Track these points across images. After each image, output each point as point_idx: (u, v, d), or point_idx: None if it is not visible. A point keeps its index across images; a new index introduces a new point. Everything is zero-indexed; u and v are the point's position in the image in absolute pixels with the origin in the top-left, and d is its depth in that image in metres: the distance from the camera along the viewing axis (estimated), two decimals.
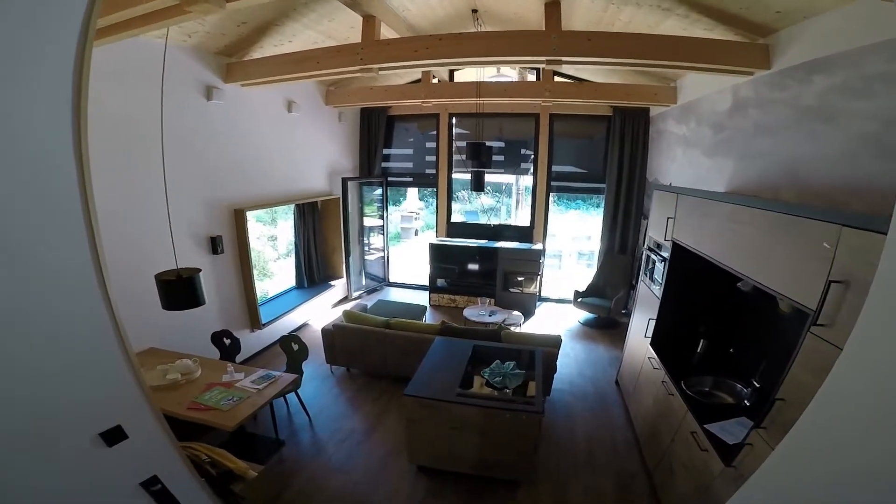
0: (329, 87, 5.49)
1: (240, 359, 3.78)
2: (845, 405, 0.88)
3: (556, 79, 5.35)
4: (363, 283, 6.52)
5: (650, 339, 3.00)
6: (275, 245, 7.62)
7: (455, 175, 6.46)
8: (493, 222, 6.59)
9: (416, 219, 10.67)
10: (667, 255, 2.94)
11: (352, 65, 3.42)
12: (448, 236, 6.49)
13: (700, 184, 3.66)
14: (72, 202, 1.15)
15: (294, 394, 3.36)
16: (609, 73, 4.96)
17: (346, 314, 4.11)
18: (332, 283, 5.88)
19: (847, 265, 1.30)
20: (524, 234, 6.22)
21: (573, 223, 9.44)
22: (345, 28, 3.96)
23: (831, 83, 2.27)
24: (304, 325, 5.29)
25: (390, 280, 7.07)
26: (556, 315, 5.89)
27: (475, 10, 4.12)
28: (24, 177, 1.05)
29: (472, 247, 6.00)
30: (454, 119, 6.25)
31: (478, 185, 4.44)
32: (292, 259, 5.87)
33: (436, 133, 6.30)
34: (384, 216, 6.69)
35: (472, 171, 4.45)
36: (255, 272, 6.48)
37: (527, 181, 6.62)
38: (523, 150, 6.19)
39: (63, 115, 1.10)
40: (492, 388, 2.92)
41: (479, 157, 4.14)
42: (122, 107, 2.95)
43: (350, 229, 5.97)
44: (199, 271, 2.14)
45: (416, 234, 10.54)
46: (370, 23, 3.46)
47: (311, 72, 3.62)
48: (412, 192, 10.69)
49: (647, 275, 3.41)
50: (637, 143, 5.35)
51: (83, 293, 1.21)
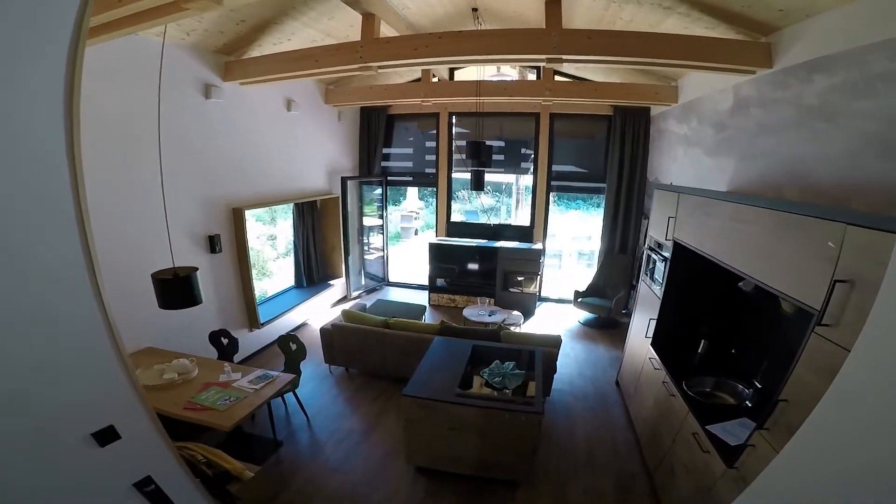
0: (328, 85, 5.47)
1: (238, 359, 3.76)
2: (854, 406, 0.86)
3: (557, 78, 5.33)
4: (362, 282, 6.50)
5: (651, 340, 2.98)
6: (274, 244, 7.61)
7: (455, 175, 6.45)
8: (493, 222, 6.56)
9: (415, 218, 10.66)
10: (668, 254, 2.92)
11: (351, 63, 3.41)
12: (448, 236, 6.47)
13: (701, 183, 3.64)
14: (64, 201, 1.14)
15: (292, 394, 3.35)
16: (610, 72, 4.95)
17: (345, 314, 4.09)
18: (331, 282, 5.86)
19: (852, 264, 1.29)
20: (524, 233, 6.20)
21: (573, 223, 9.43)
22: (344, 26, 3.95)
23: (833, 82, 2.26)
24: (302, 325, 5.27)
25: (390, 280, 7.05)
26: (555, 315, 5.87)
27: (475, 9, 4.11)
28: (16, 176, 1.04)
29: (471, 246, 5.98)
30: (454, 118, 6.24)
31: (478, 185, 4.42)
32: (291, 258, 5.86)
33: (436, 132, 6.28)
34: (384, 215, 6.67)
35: (471, 171, 4.43)
36: (254, 272, 6.46)
37: (527, 181, 6.61)
38: (523, 150, 6.17)
39: (55, 114, 1.09)
40: (491, 389, 2.91)
41: (479, 156, 4.13)
42: (120, 105, 2.94)
43: (349, 228, 5.95)
44: (196, 270, 2.13)
45: (415, 233, 10.53)
46: (370, 21, 3.44)
47: (311, 70, 3.60)
48: (412, 192, 10.68)
49: (647, 274, 3.39)
50: (638, 142, 5.33)
51: (75, 292, 1.19)
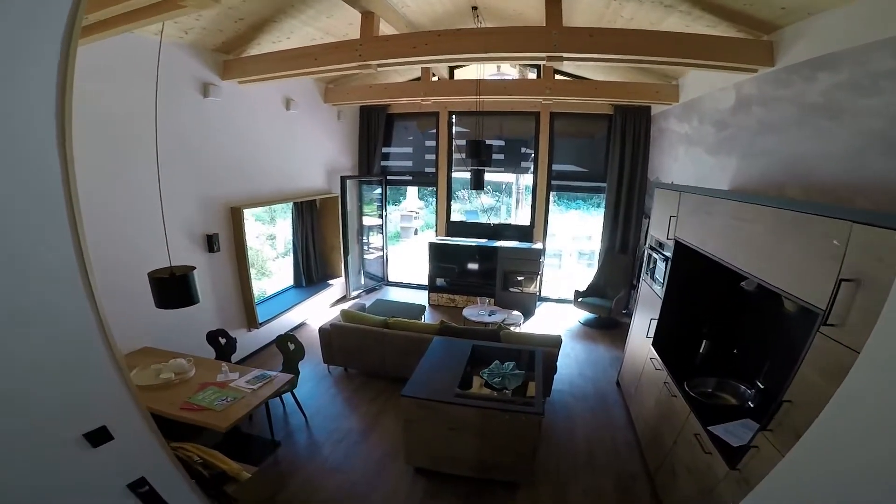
0: (328, 84, 5.45)
1: (236, 358, 3.74)
2: (863, 408, 0.84)
3: (557, 77, 5.31)
4: (362, 282, 6.48)
5: (652, 340, 2.96)
6: (273, 244, 7.59)
7: (455, 174, 6.43)
8: (493, 221, 6.54)
9: (415, 218, 10.64)
10: (669, 254, 2.90)
11: (350, 61, 3.39)
12: (448, 235, 6.45)
13: (703, 182, 3.62)
14: (56, 200, 1.13)
15: (290, 394, 3.33)
16: (610, 71, 4.93)
17: (344, 313, 4.07)
18: (330, 282, 5.84)
19: (858, 263, 1.26)
20: (524, 233, 6.18)
21: (573, 223, 9.41)
22: (343, 25, 3.93)
23: (837, 80, 2.25)
24: (301, 325, 5.25)
25: (389, 279, 7.03)
26: (556, 315, 5.85)
27: (475, 7, 4.09)
28: (7, 175, 1.02)
29: (471, 246, 5.95)
30: (454, 117, 6.22)
31: (477, 184, 4.39)
32: (290, 258, 5.83)
33: (435, 131, 6.26)
34: (383, 215, 6.65)
35: (471, 170, 4.41)
36: (254, 271, 6.45)
37: (527, 180, 6.59)
38: (523, 149, 6.15)
39: (47, 113, 1.08)
40: (491, 389, 2.88)
41: (479, 155, 4.11)
42: (119, 104, 2.92)
43: (349, 228, 5.92)
44: (193, 269, 2.12)
45: (415, 233, 10.51)
46: (369, 19, 3.42)
47: (310, 68, 3.58)
48: (412, 192, 10.67)
49: (648, 274, 3.37)
50: (638, 141, 5.31)
51: (68, 291, 1.17)
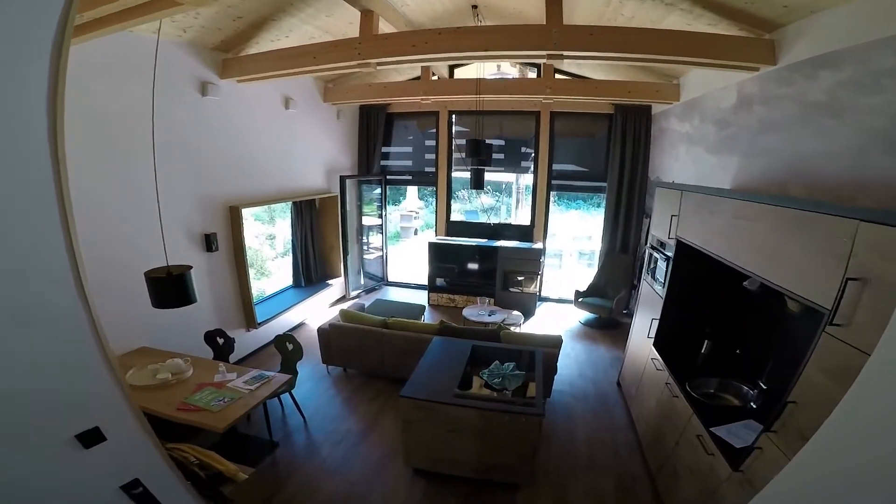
0: (327, 83, 5.43)
1: (234, 359, 3.72)
2: (875, 411, 0.82)
3: (557, 76, 5.29)
4: (361, 282, 6.45)
5: (653, 340, 2.94)
6: (272, 244, 7.57)
7: (455, 174, 6.40)
8: (493, 221, 6.51)
9: (415, 218, 10.63)
10: (670, 253, 2.88)
11: (350, 59, 3.37)
12: (448, 235, 6.43)
13: (704, 181, 3.61)
14: (48, 199, 1.11)
15: (289, 394, 3.30)
16: (611, 70, 4.91)
17: (343, 313, 4.05)
18: (329, 282, 5.82)
19: (865, 262, 1.24)
20: (524, 233, 6.16)
21: (574, 223, 9.40)
22: (343, 23, 3.91)
23: (839, 78, 2.24)
24: (300, 325, 5.23)
25: (389, 279, 7.01)
26: (556, 315, 5.82)
27: (475, 6, 4.08)
28: None
29: (471, 246, 5.93)
30: (454, 117, 6.20)
31: (477, 183, 4.37)
32: (290, 258, 5.81)
33: (435, 131, 6.24)
34: (383, 215, 6.62)
35: (471, 169, 4.39)
36: (253, 271, 6.42)
37: (527, 180, 6.57)
38: (523, 149, 6.13)
39: (38, 112, 1.06)
40: (491, 390, 2.86)
41: (479, 155, 4.09)
42: (117, 102, 2.91)
43: (348, 228, 5.90)
44: (191, 268, 2.10)
45: (415, 233, 10.49)
46: (368, 18, 3.41)
47: (309, 67, 3.56)
48: (412, 191, 10.66)
49: (649, 274, 3.35)
50: (639, 141, 5.29)
51: (59, 290, 1.15)
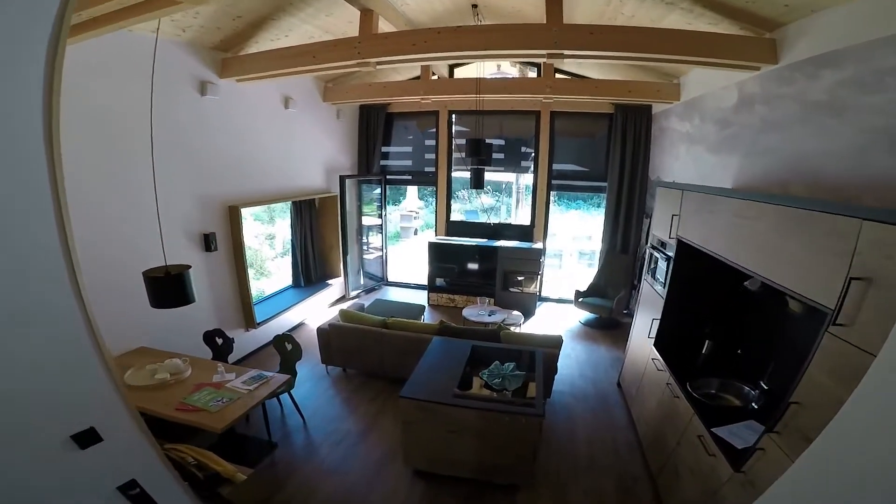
0: (327, 83, 5.42)
1: (233, 359, 3.71)
2: (881, 410, 0.80)
3: (558, 76, 5.28)
4: (361, 282, 6.44)
5: (654, 340, 2.93)
6: (272, 244, 7.56)
7: (455, 174, 6.39)
8: (493, 221, 6.50)
9: (415, 218, 10.61)
10: (671, 253, 2.86)
11: (349, 59, 3.36)
12: (447, 235, 6.41)
13: (704, 181, 3.59)
14: (43, 198, 1.11)
15: (288, 395, 3.29)
16: (611, 69, 4.90)
17: (343, 313, 4.04)
18: (329, 282, 5.81)
19: (869, 261, 1.23)
20: (524, 232, 6.14)
21: (574, 223, 9.38)
22: (342, 23, 3.90)
23: (841, 77, 2.22)
24: (300, 325, 5.21)
25: (389, 279, 6.99)
26: (556, 315, 5.81)
27: (475, 5, 4.07)
28: None
29: (471, 246, 5.92)
30: (454, 116, 6.18)
31: (477, 183, 4.36)
32: (289, 258, 5.80)
33: (435, 131, 6.23)
34: (383, 215, 6.61)
35: (471, 169, 4.38)
36: (252, 271, 6.40)
37: (527, 180, 6.56)
38: (524, 149, 6.11)
39: (34, 111, 1.05)
40: (491, 390, 2.85)
41: (479, 154, 4.07)
42: (116, 101, 2.90)
43: (348, 227, 5.89)
44: (189, 268, 2.09)
45: (415, 233, 10.48)
46: (368, 17, 3.40)
47: (308, 66, 3.55)
48: (412, 191, 10.64)
49: (650, 274, 3.33)
50: (639, 140, 5.28)
51: (54, 290, 1.14)
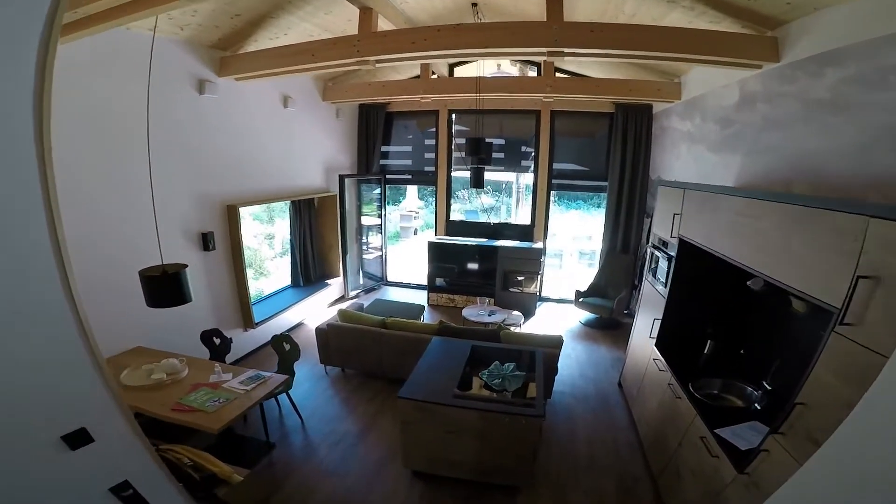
0: (326, 82, 5.40)
1: (231, 359, 3.68)
2: (894, 412, 0.78)
3: (558, 75, 5.26)
4: (360, 282, 6.42)
5: (655, 340, 2.90)
6: (271, 243, 7.53)
7: (455, 173, 6.37)
8: (493, 221, 6.47)
9: (415, 218, 10.59)
10: (673, 252, 2.84)
11: (348, 57, 3.34)
12: (447, 235, 6.39)
13: (706, 180, 3.57)
14: (33, 196, 1.09)
15: (286, 395, 3.26)
16: (611, 68, 4.87)
17: (342, 313, 4.01)
18: (328, 281, 5.78)
19: (876, 259, 1.20)
20: (524, 232, 6.12)
21: (574, 223, 9.36)
22: (342, 21, 3.88)
23: (844, 75, 2.20)
24: (299, 325, 5.19)
25: (388, 279, 6.97)
26: (556, 315, 5.78)
27: (475, 4, 4.05)
28: None
29: (471, 245, 5.89)
30: (454, 116, 6.16)
31: (477, 182, 4.33)
32: (288, 257, 5.77)
33: (435, 130, 6.21)
34: (382, 214, 6.59)
35: (471, 168, 4.35)
36: (252, 271, 6.38)
37: (527, 179, 6.54)
38: (524, 148, 6.09)
39: (24, 109, 1.03)
40: (490, 391, 2.82)
41: (479, 153, 4.05)
42: (114, 100, 2.88)
43: (347, 227, 5.86)
44: (185, 267, 2.07)
45: (415, 233, 10.46)
46: (367, 15, 3.38)
47: (307, 64, 3.53)
48: (412, 191, 10.62)
49: (651, 273, 3.31)
50: (640, 140, 5.26)
51: (45, 288, 1.11)
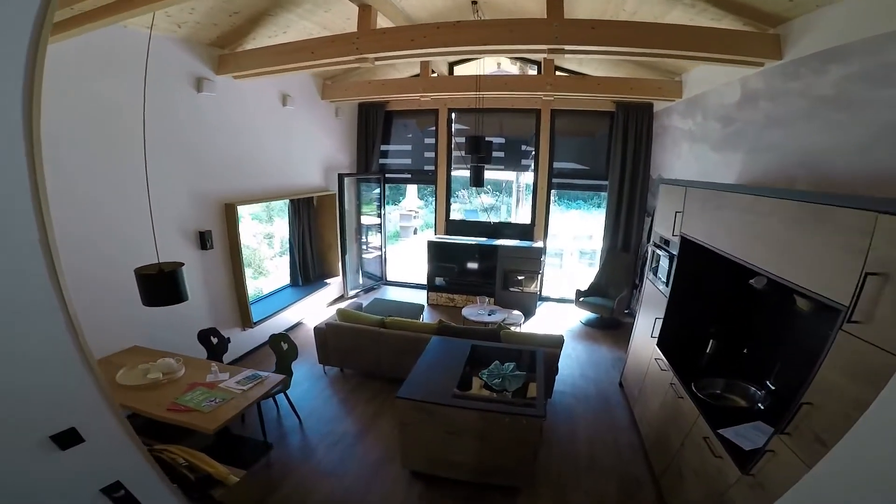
0: (325, 80, 5.38)
1: (229, 358, 3.65)
2: None
3: (558, 73, 5.24)
4: (360, 281, 6.39)
5: (657, 340, 2.88)
6: (270, 243, 7.51)
7: (454, 172, 6.34)
8: (493, 220, 6.45)
9: (415, 217, 10.57)
10: (675, 251, 2.81)
11: (347, 54, 3.31)
12: (447, 234, 6.36)
13: (707, 179, 3.54)
14: (22, 193, 1.07)
15: (284, 395, 3.23)
16: (612, 67, 4.85)
17: (340, 313, 3.98)
18: (327, 281, 5.76)
19: (885, 256, 1.18)
20: (525, 231, 6.09)
21: (574, 223, 9.34)
22: (341, 19, 3.86)
23: (848, 72, 2.18)
24: (297, 325, 5.16)
25: (388, 279, 6.94)
26: (557, 315, 5.76)
27: (475, 2, 4.02)
28: None
29: (471, 245, 5.87)
30: (453, 114, 6.14)
31: (477, 181, 4.31)
32: (287, 257, 5.75)
33: (435, 129, 6.19)
34: (382, 214, 6.56)
35: (471, 167, 4.33)
36: (251, 270, 6.35)
37: (527, 178, 6.51)
38: (524, 147, 6.07)
39: (13, 109, 1.02)
40: (490, 391, 2.79)
41: (479, 151, 4.03)
42: (110, 96, 2.86)
43: (346, 226, 5.83)
44: (182, 265, 2.05)
45: (414, 232, 10.43)
46: (366, 12, 3.36)
47: (306, 62, 3.51)
48: (411, 191, 10.60)
49: (652, 272, 3.28)
50: (640, 139, 5.23)
51: (33, 285, 1.09)
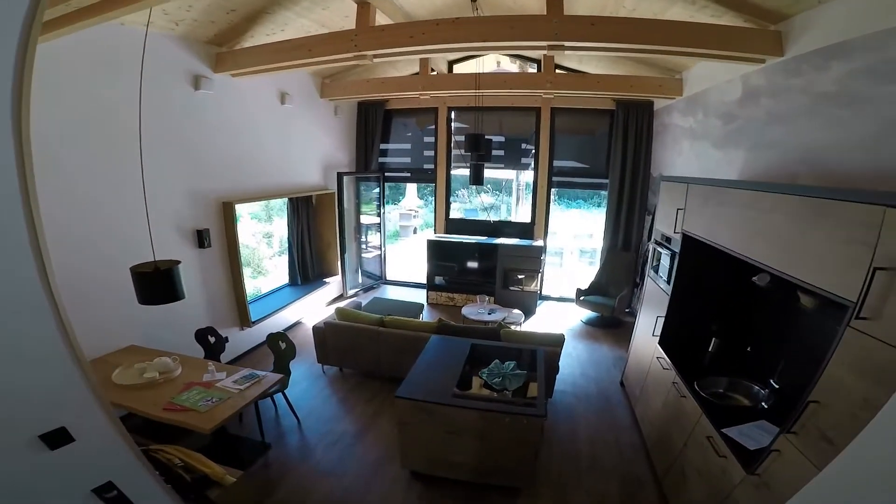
0: (324, 79, 5.36)
1: (226, 358, 3.62)
2: None
3: (558, 71, 5.21)
4: (359, 280, 6.36)
5: (659, 338, 2.85)
6: (269, 242, 7.48)
7: (454, 171, 6.32)
8: (493, 218, 6.42)
9: (414, 217, 10.54)
10: (676, 248, 2.79)
11: (346, 52, 3.29)
12: (447, 233, 6.33)
13: (708, 176, 3.52)
14: (10, 191, 1.05)
15: (282, 394, 3.21)
16: (612, 65, 4.83)
17: (339, 312, 3.96)
18: (326, 280, 5.73)
19: (894, 250, 1.15)
20: (525, 230, 6.07)
21: (575, 221, 9.31)
22: (339, 17, 3.84)
23: (851, 68, 2.17)
24: (296, 324, 5.13)
25: (387, 278, 6.92)
26: (557, 314, 5.73)
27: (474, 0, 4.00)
28: None
29: (471, 243, 5.84)
30: (453, 113, 6.11)
31: (477, 179, 4.28)
32: (286, 256, 5.72)
33: (434, 128, 6.16)
34: (381, 213, 6.53)
35: (471, 165, 4.30)
36: (250, 269, 6.32)
37: (527, 177, 6.49)
38: (524, 146, 6.04)
39: (2, 107, 1.00)
40: (490, 390, 2.77)
41: (479, 150, 4.00)
42: (109, 96, 2.84)
43: (346, 225, 5.81)
44: (178, 263, 2.02)
45: (414, 231, 10.41)
46: (365, 10, 3.34)
47: (304, 60, 3.48)
48: (411, 190, 10.57)
49: (653, 270, 3.26)
50: (641, 137, 5.21)
51: (21, 282, 1.06)
